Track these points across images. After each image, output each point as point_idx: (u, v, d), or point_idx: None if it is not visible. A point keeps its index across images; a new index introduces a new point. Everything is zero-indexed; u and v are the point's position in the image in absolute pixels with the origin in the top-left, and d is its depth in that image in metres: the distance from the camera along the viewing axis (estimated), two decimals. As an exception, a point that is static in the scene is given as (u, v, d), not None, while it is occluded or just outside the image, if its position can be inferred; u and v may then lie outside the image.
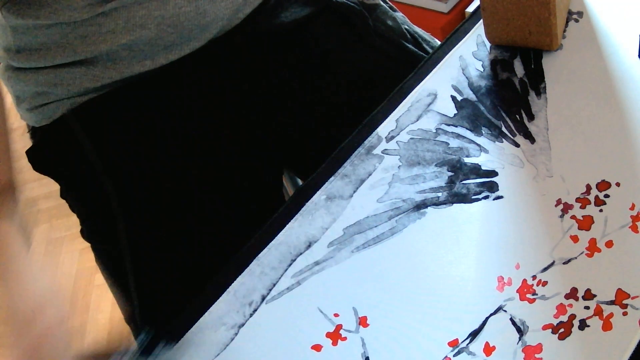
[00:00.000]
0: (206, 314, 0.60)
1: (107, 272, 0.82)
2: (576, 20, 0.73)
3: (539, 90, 0.68)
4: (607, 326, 0.51)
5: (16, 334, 0.51)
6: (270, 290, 0.60)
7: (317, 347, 0.56)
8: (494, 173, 0.63)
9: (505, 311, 0.54)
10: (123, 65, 0.75)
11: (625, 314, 0.51)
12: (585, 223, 0.57)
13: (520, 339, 0.52)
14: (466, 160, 0.65)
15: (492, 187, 0.62)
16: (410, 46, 0.86)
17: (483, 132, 0.67)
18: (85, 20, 0.71)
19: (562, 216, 0.58)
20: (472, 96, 0.70)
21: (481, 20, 0.72)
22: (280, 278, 0.61)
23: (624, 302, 0.52)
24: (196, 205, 0.76)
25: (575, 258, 0.55)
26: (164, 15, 0.72)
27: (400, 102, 0.71)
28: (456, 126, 0.68)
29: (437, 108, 0.70)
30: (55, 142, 0.79)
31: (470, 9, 1.73)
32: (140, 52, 0.75)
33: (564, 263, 0.55)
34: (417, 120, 0.69)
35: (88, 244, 0.83)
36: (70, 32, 0.71)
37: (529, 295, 0.54)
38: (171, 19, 0.72)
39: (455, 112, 0.69)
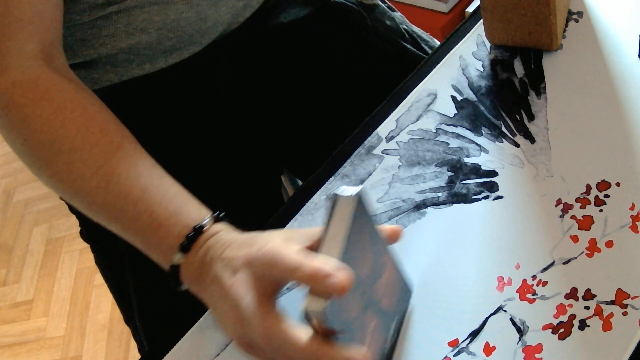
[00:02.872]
0: (206, 314, 0.60)
1: (107, 272, 0.82)
2: (576, 20, 0.73)
3: (539, 90, 0.68)
4: (607, 326, 0.51)
5: None
6: (270, 290, 0.60)
7: (317, 347, 0.56)
8: (494, 173, 0.63)
9: (505, 311, 0.54)
10: (122, 68, 0.75)
11: (625, 314, 0.51)
12: (585, 223, 0.57)
13: (520, 339, 0.52)
14: (466, 160, 0.65)
15: (492, 187, 0.62)
16: (409, 46, 0.86)
17: (483, 132, 0.67)
18: (86, 23, 0.71)
19: (562, 216, 0.58)
20: (472, 96, 0.70)
21: (481, 20, 0.72)
22: (280, 278, 0.60)
23: (624, 302, 0.52)
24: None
25: (575, 258, 0.55)
26: (165, 20, 0.72)
27: (400, 102, 0.71)
28: (456, 126, 0.68)
29: (437, 108, 0.70)
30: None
31: (470, 9, 1.73)
32: (140, 55, 0.74)
33: (564, 263, 0.55)
34: (417, 120, 0.69)
35: (88, 244, 0.83)
36: (70, 35, 0.71)
37: (529, 295, 0.54)
38: (172, 23, 0.72)
39: (455, 112, 0.69)
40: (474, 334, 0.53)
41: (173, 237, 0.56)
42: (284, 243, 0.49)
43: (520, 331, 0.52)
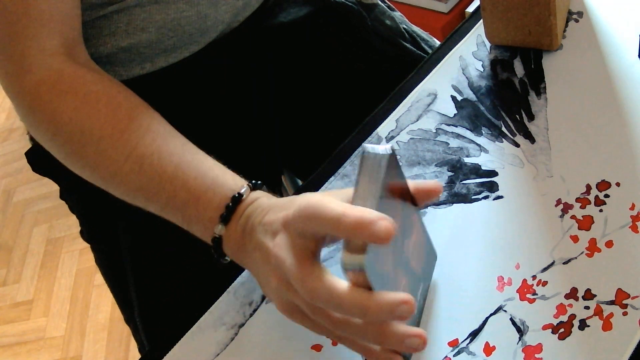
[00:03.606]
0: (206, 314, 0.60)
1: (107, 272, 0.82)
2: (576, 20, 0.73)
3: (539, 90, 0.68)
4: (607, 326, 0.51)
5: None
6: (270, 290, 0.60)
7: (317, 347, 0.56)
8: (494, 173, 0.63)
9: (505, 311, 0.54)
10: (123, 67, 0.75)
11: (625, 314, 0.51)
12: (585, 223, 0.57)
13: (520, 339, 0.52)
14: (466, 160, 0.65)
15: (492, 187, 0.62)
16: (409, 45, 0.87)
17: (483, 132, 0.67)
18: (86, 23, 0.71)
19: (562, 216, 0.58)
20: (472, 96, 0.70)
21: (481, 20, 0.72)
22: (280, 278, 0.60)
23: (624, 302, 0.52)
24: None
25: (575, 258, 0.55)
26: (165, 19, 0.72)
27: (400, 102, 0.71)
28: (456, 126, 0.68)
29: (437, 108, 0.70)
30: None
31: (470, 9, 1.73)
32: (140, 55, 0.74)
33: (564, 263, 0.55)
34: (417, 120, 0.69)
35: (88, 244, 0.83)
36: None
37: (529, 295, 0.54)
38: (172, 23, 0.72)
39: (455, 112, 0.69)
40: (474, 334, 0.53)
41: (212, 209, 0.56)
42: (322, 198, 0.48)
43: (520, 331, 0.52)
